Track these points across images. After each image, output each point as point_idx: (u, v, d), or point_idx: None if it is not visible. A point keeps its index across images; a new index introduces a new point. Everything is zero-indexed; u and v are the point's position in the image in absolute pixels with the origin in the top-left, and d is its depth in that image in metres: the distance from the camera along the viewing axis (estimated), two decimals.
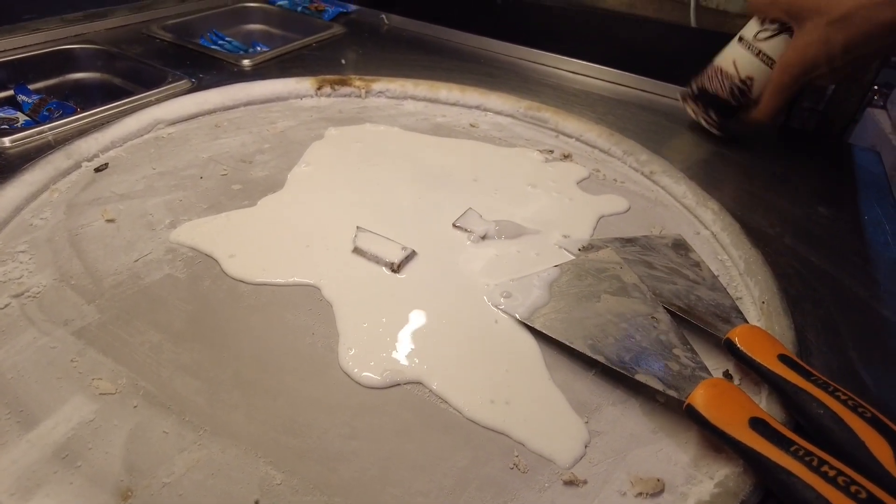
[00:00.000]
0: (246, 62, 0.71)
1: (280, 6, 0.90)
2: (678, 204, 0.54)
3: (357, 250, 0.42)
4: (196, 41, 0.77)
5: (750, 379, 0.36)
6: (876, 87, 2.69)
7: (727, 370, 0.37)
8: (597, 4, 0.79)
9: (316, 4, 0.91)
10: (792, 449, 0.28)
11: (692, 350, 0.35)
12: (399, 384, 0.33)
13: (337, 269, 0.41)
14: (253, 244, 0.42)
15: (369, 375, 0.33)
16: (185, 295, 0.38)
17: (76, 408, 0.31)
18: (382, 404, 0.32)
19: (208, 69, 0.68)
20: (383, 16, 0.89)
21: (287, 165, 0.52)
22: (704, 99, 0.62)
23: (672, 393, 0.32)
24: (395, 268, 0.41)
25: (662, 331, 0.36)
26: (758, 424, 0.29)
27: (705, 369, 0.34)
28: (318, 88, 0.66)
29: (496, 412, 0.32)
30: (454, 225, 0.46)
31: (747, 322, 0.38)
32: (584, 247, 0.46)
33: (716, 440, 0.31)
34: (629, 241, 0.47)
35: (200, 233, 0.43)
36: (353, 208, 0.47)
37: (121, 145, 0.54)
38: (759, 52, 0.56)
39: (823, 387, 0.31)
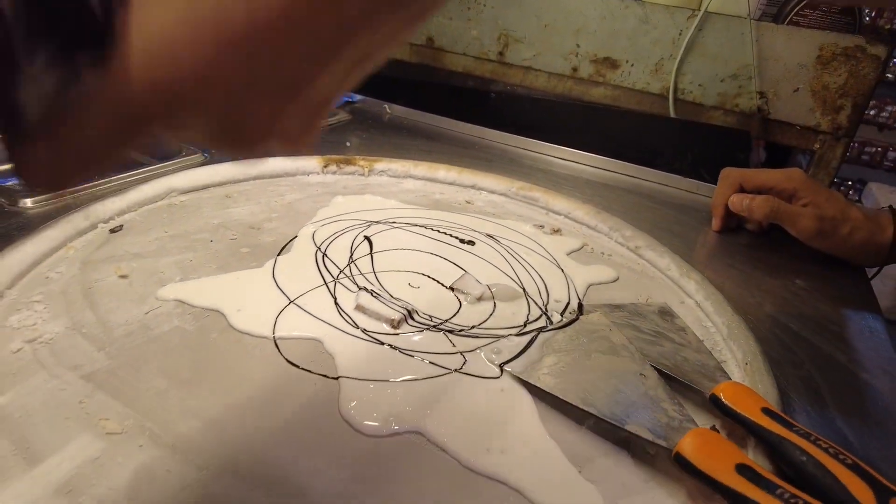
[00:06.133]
0: None
1: None
2: (662, 275, 0.57)
3: (359, 307, 0.44)
4: None
5: (736, 435, 0.37)
6: (850, 183, 2.80)
7: (714, 426, 0.38)
8: (583, 98, 0.86)
9: None
10: (777, 492, 0.29)
11: (679, 404, 0.37)
12: (398, 433, 0.34)
13: (339, 324, 0.42)
14: (259, 300, 0.44)
15: (369, 423, 0.34)
16: (193, 345, 0.40)
17: (82, 446, 0.31)
18: (382, 451, 0.33)
19: None
20: (386, 105, 0.96)
21: (294, 232, 0.55)
22: None
23: (661, 442, 0.33)
24: (395, 324, 0.43)
25: (651, 386, 0.38)
26: (744, 470, 0.31)
27: (692, 421, 0.35)
28: (325, 166, 0.70)
29: (492, 460, 0.33)
30: (450, 287, 0.49)
31: (731, 379, 0.40)
32: (574, 310, 0.48)
33: (705, 488, 0.32)
34: (617, 307, 0.49)
35: (202, 290, 0.45)
36: (356, 267, 0.50)
37: (136, 210, 0.57)
38: None
39: (805, 436, 0.33)
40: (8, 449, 0.30)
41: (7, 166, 0.56)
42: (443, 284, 0.49)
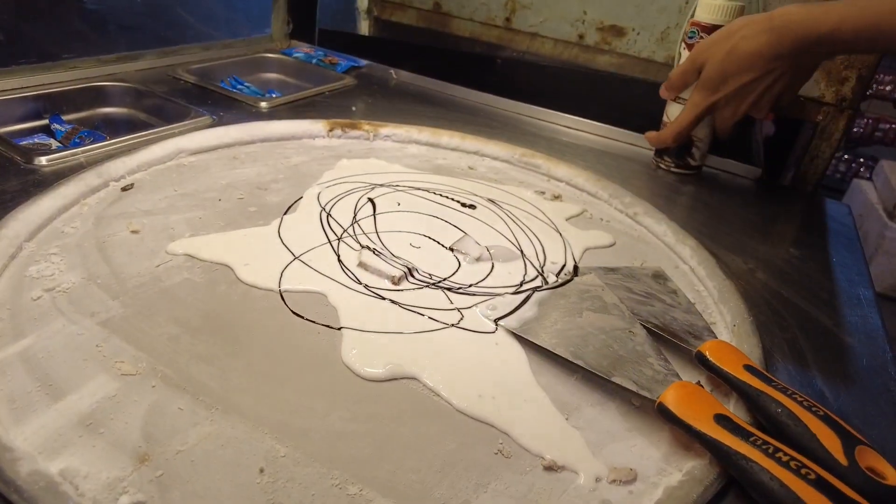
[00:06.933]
0: (263, 104, 0.76)
1: (296, 58, 0.97)
2: (659, 241, 0.58)
3: (361, 264, 0.46)
4: (217, 84, 0.83)
5: (720, 391, 0.39)
6: (862, 160, 2.77)
7: (699, 381, 0.40)
8: (588, 65, 0.86)
9: (329, 58, 0.98)
10: (751, 439, 0.31)
11: (665, 359, 0.38)
12: (396, 378, 0.36)
13: (343, 279, 0.44)
14: (266, 256, 0.46)
15: (369, 369, 0.36)
16: (203, 296, 0.42)
17: (100, 385, 0.33)
18: (380, 394, 0.35)
19: (228, 109, 0.74)
20: (392, 71, 0.96)
21: (300, 193, 0.57)
22: (660, 149, 0.75)
23: (645, 393, 0.35)
24: (396, 281, 0.44)
25: (638, 343, 0.40)
26: (721, 420, 0.32)
27: (677, 375, 0.37)
28: (330, 130, 0.71)
29: (483, 405, 0.35)
30: (450, 248, 0.50)
31: (718, 339, 0.41)
32: (569, 272, 0.49)
33: (685, 437, 0.34)
34: (612, 269, 0.50)
35: (211, 245, 0.47)
36: (359, 227, 0.51)
37: (146, 169, 0.58)
38: (677, 97, 0.70)
39: (782, 390, 0.34)
40: (33, 385, 0.33)
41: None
42: (443, 245, 0.51)
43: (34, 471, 0.27)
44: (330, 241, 0.49)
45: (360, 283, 0.44)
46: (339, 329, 0.39)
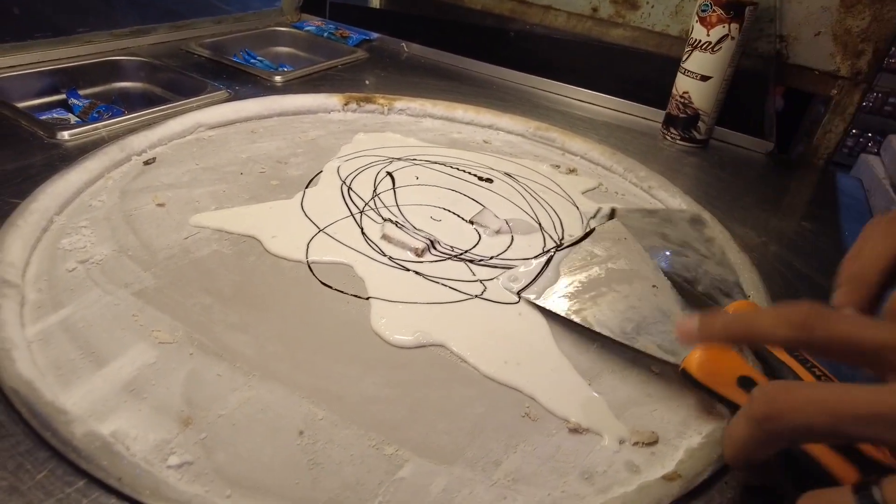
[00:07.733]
0: (278, 78, 0.76)
1: (308, 31, 0.96)
2: None
3: (385, 237, 0.47)
4: (230, 58, 0.83)
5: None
6: (870, 134, 2.72)
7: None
8: (603, 38, 0.86)
9: (341, 31, 0.97)
10: None
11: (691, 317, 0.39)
12: (424, 346, 0.38)
13: (368, 251, 0.45)
14: (292, 228, 0.47)
15: (399, 337, 0.37)
16: (232, 267, 0.43)
17: (139, 353, 0.35)
18: (410, 361, 0.36)
19: (243, 83, 0.74)
20: (403, 44, 0.96)
21: (319, 167, 0.57)
22: (667, 121, 0.76)
23: (669, 357, 0.36)
24: (419, 253, 0.45)
25: (662, 300, 0.40)
26: (745, 382, 0.33)
27: None
28: (345, 104, 0.72)
29: (509, 370, 0.36)
30: (470, 221, 0.51)
31: (747, 298, 0.42)
32: (594, 215, 0.50)
33: (705, 402, 0.35)
34: (651, 212, 0.51)
35: (238, 218, 0.47)
36: (379, 200, 0.52)
37: (166, 143, 0.59)
38: (685, 70, 0.71)
39: (802, 362, 0.35)
40: (76, 353, 0.34)
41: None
42: (463, 218, 0.51)
43: (89, 432, 0.29)
44: (353, 214, 0.50)
45: (385, 255, 0.45)
46: (367, 299, 0.41)
